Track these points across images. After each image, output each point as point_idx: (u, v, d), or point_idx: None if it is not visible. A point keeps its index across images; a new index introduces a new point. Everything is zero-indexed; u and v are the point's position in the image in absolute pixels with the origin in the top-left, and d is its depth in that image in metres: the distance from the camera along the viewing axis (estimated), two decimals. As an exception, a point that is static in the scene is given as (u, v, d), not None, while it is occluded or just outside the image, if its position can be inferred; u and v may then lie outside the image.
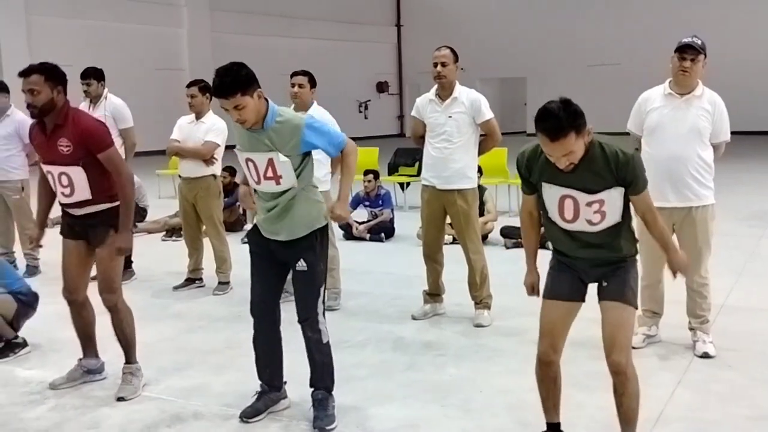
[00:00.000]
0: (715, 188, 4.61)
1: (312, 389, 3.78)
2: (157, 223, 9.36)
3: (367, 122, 28.58)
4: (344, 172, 3.70)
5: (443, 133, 5.22)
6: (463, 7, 28.10)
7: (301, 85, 5.63)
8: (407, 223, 8.92)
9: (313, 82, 5.70)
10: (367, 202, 9.05)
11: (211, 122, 6.30)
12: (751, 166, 14.59)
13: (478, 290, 5.38)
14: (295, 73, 5.71)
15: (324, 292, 3.71)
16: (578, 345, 4.13)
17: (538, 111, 2.88)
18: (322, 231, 3.70)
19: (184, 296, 6.36)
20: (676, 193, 4.50)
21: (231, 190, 9.27)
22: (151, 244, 8.65)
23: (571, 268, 3.22)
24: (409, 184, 11.22)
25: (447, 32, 23.17)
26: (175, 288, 6.52)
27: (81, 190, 4.00)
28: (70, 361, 4.42)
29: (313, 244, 3.65)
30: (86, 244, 4.15)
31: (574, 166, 2.95)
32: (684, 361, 4.49)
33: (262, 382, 3.87)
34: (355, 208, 8.80)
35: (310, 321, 3.66)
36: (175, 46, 22.93)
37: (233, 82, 3.39)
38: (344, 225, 8.39)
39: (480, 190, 5.81)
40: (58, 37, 19.40)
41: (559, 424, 3.36)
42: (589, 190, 3.01)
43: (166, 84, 21.46)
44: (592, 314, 3.26)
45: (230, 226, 8.59)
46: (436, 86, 5.29)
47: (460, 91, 5.24)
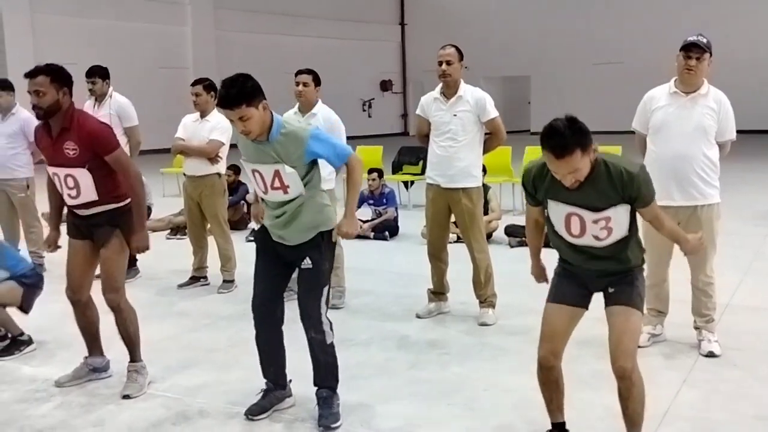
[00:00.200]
0: (721, 187, 4.59)
1: (316, 388, 3.78)
2: (162, 222, 9.38)
3: (370, 121, 28.58)
4: (350, 188, 3.69)
5: (448, 132, 5.22)
6: (467, 5, 28.06)
7: (305, 84, 5.62)
8: (411, 222, 8.92)
9: (317, 81, 5.68)
10: (371, 201, 9.04)
11: (216, 120, 6.30)
12: (757, 166, 14.54)
13: (483, 289, 5.38)
14: (299, 72, 5.70)
15: (328, 293, 3.70)
16: (584, 344, 4.13)
17: (544, 129, 2.87)
18: (329, 232, 3.70)
19: (189, 294, 6.37)
20: (682, 191, 4.49)
21: (236, 188, 9.29)
22: (156, 243, 8.52)
23: (577, 276, 3.23)
24: (413, 182, 11.22)
25: (451, 31, 23.16)
26: (180, 286, 6.54)
27: (87, 192, 4.01)
28: (75, 359, 4.43)
29: (319, 243, 3.65)
30: (92, 244, 4.16)
31: (580, 183, 2.94)
32: (689, 360, 4.49)
33: (267, 380, 3.87)
34: (359, 207, 8.79)
35: (313, 321, 3.65)
36: (179, 45, 22.96)
37: (239, 93, 3.39)
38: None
39: (484, 189, 5.79)
40: (62, 36, 19.46)
41: (564, 424, 3.36)
42: (595, 208, 3.01)
43: (170, 82, 21.50)
44: (598, 314, 3.26)
45: (235, 225, 8.61)
46: (440, 85, 5.28)
47: (465, 89, 5.23)
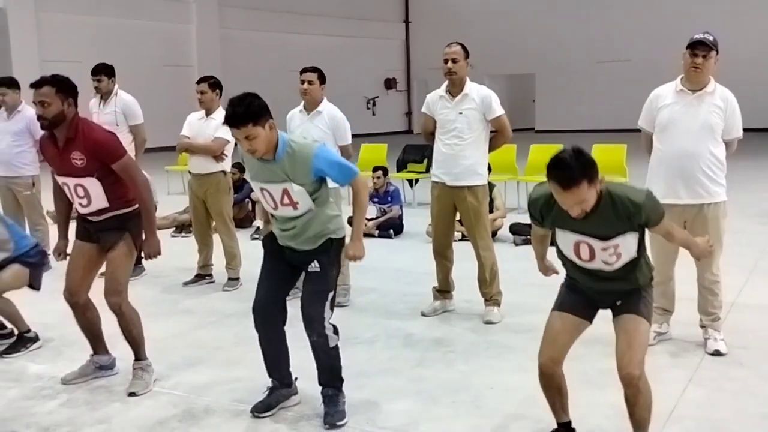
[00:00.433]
0: (727, 185, 4.58)
1: (321, 387, 3.78)
2: (167, 219, 9.38)
3: (375, 119, 28.60)
4: (355, 211, 3.68)
5: (453, 130, 5.21)
6: (472, 3, 28.01)
7: (310, 82, 5.62)
8: (416, 220, 8.91)
9: (322, 79, 5.67)
10: (376, 199, 9.02)
11: (221, 118, 6.26)
12: (764, 164, 14.51)
13: (488, 287, 5.37)
14: (304, 70, 5.69)
15: (333, 298, 3.68)
16: (591, 342, 4.10)
17: (551, 160, 2.85)
18: (339, 240, 3.71)
19: (194, 292, 6.38)
20: (688, 189, 4.48)
21: (240, 186, 9.30)
22: (161, 240, 8.63)
23: (584, 292, 3.25)
24: (417, 180, 11.22)
25: (455, 29, 23.17)
26: (185, 284, 6.55)
27: (98, 200, 4.02)
28: (81, 357, 4.44)
29: (328, 249, 3.66)
30: (98, 248, 4.17)
31: (587, 213, 2.94)
32: (695, 358, 4.48)
33: (272, 378, 3.87)
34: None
35: (315, 325, 3.62)
36: (184, 43, 23.00)
37: (245, 112, 3.40)
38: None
39: (489, 187, 5.79)
40: (67, 34, 19.48)
41: (570, 423, 3.35)
42: (603, 237, 3.01)
43: (175, 80, 21.55)
44: (603, 313, 3.26)
45: (240, 222, 8.62)
46: (446, 83, 5.27)
47: (471, 87, 5.22)
